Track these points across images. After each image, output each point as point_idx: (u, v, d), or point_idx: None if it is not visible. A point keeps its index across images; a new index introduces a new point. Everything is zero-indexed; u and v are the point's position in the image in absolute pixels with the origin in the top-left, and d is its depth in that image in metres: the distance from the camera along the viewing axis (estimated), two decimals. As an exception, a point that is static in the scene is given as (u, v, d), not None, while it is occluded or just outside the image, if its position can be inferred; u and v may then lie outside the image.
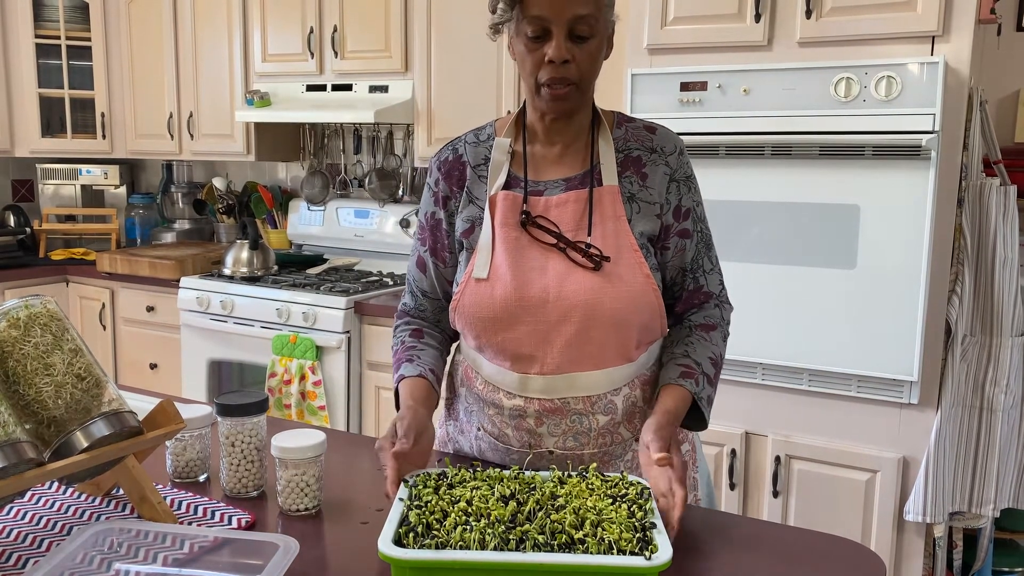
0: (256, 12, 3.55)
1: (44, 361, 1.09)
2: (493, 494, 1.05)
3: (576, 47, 1.22)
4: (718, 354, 1.35)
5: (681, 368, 1.30)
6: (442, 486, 1.10)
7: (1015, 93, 2.78)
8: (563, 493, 1.08)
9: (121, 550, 1.03)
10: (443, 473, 1.14)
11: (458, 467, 1.16)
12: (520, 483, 1.11)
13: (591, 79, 1.28)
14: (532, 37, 1.23)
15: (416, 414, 1.24)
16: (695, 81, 2.36)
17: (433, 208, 1.40)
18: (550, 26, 1.21)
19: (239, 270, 3.41)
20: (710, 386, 1.32)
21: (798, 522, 2.39)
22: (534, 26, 1.22)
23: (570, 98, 1.26)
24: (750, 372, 2.41)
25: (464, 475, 1.13)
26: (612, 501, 1.06)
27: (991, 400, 2.30)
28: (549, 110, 1.29)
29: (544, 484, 1.11)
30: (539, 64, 1.23)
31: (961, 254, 2.23)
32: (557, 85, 1.24)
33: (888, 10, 2.17)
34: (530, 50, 1.24)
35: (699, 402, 1.29)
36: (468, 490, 1.07)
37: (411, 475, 1.14)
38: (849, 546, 1.15)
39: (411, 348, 1.39)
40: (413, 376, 1.33)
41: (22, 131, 4.01)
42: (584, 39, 1.23)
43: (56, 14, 3.96)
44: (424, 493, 1.07)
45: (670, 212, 1.33)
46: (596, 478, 1.13)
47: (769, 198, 2.32)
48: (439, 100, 3.20)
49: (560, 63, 1.22)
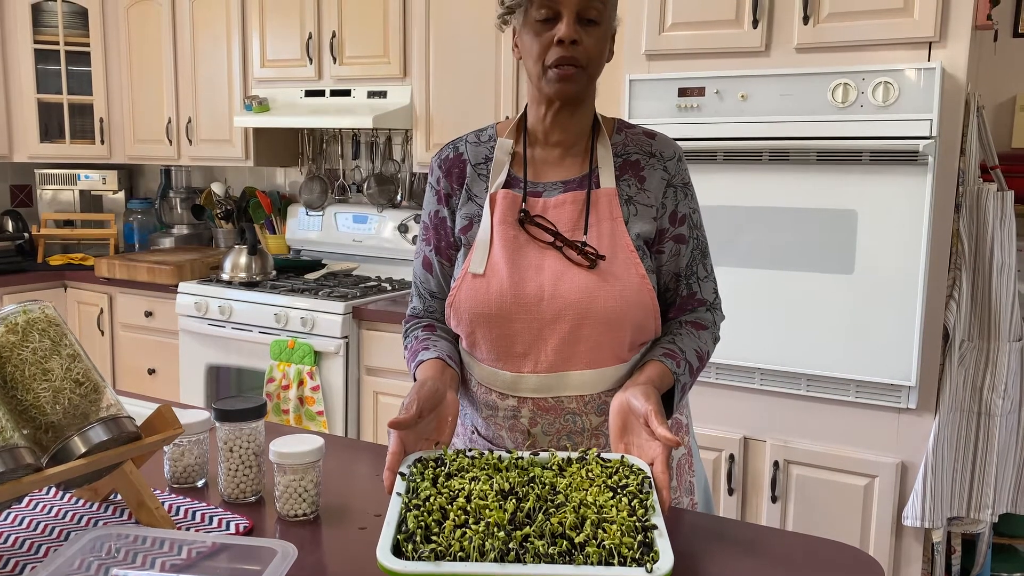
0: (255, 17, 3.56)
1: (42, 366, 1.09)
2: (492, 488, 1.05)
3: (584, 31, 1.24)
4: (704, 351, 1.35)
5: (665, 350, 1.31)
6: (440, 475, 1.09)
7: (1012, 99, 2.79)
8: (563, 485, 1.07)
9: (119, 556, 1.02)
10: (440, 458, 1.13)
11: (456, 452, 1.14)
12: (519, 473, 1.09)
13: (597, 66, 1.29)
14: (542, 20, 1.24)
15: (424, 386, 1.19)
16: (693, 87, 2.36)
17: (437, 206, 1.41)
18: (560, 8, 1.23)
19: (237, 275, 3.41)
20: (690, 376, 1.32)
21: (797, 527, 2.39)
22: (545, 8, 1.24)
23: (577, 80, 1.27)
24: (748, 377, 2.41)
25: (463, 461, 1.12)
26: (612, 494, 1.06)
27: (989, 405, 2.30)
28: (556, 93, 1.29)
29: (543, 474, 1.10)
30: (547, 46, 1.25)
31: (958, 259, 2.23)
32: (565, 65, 1.25)
33: (885, 16, 2.18)
34: (538, 33, 1.25)
35: (676, 384, 1.29)
36: (467, 481, 1.06)
37: (407, 460, 1.11)
38: (848, 551, 1.15)
39: (426, 340, 1.37)
40: (430, 359, 1.30)
41: (21, 136, 4.01)
42: (592, 23, 1.25)
43: (55, 20, 3.97)
44: (422, 487, 1.06)
45: (666, 217, 1.34)
46: (596, 464, 1.12)
47: (767, 203, 2.32)
48: (437, 106, 3.21)
49: (569, 43, 1.23)
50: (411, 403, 1.14)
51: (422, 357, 1.32)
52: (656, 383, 1.24)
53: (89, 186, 4.27)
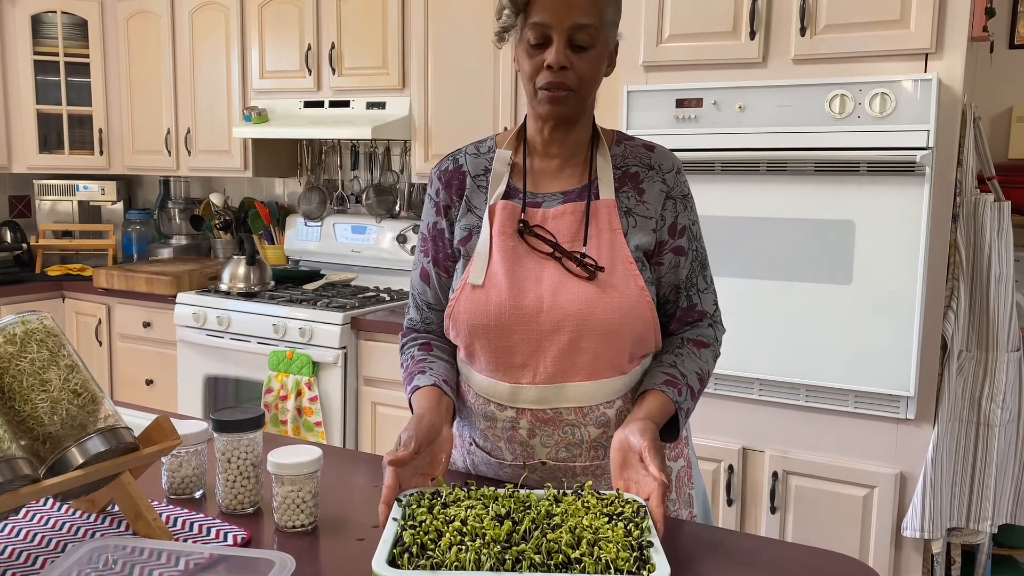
0: (254, 29, 3.57)
1: (40, 377, 1.09)
2: (488, 513, 1.05)
3: (575, 55, 1.25)
4: (705, 371, 1.35)
5: (666, 376, 1.30)
6: (436, 505, 1.09)
7: (1008, 110, 2.80)
8: (559, 512, 1.07)
9: (116, 567, 1.02)
10: (437, 492, 1.14)
11: (452, 485, 1.15)
12: (515, 501, 1.10)
13: (590, 88, 1.29)
14: (534, 44, 1.25)
15: (422, 421, 1.20)
16: (691, 98, 2.37)
17: (435, 218, 1.41)
18: (551, 32, 1.23)
19: (236, 286, 3.41)
20: (692, 400, 1.32)
21: (796, 538, 2.38)
22: (536, 32, 1.24)
23: (567, 102, 1.27)
24: (747, 388, 2.41)
25: (459, 494, 1.12)
26: (608, 520, 1.06)
27: (988, 415, 2.30)
28: (546, 114, 1.30)
29: (539, 503, 1.10)
30: (538, 69, 1.26)
31: (956, 269, 2.24)
32: (554, 89, 1.26)
33: (882, 28, 2.19)
34: (531, 56, 1.26)
35: (678, 412, 1.29)
36: (463, 509, 1.06)
37: (404, 493, 1.13)
38: (847, 562, 1.15)
39: (422, 361, 1.37)
40: (427, 386, 1.31)
41: (20, 147, 4.02)
42: (583, 49, 1.25)
43: (55, 31, 3.98)
44: (418, 512, 1.06)
45: (665, 229, 1.34)
46: (592, 496, 1.12)
47: (765, 214, 2.33)
48: (436, 117, 3.22)
49: (558, 69, 1.24)
50: (409, 439, 1.15)
51: (418, 383, 1.32)
52: (656, 417, 1.24)
53: (88, 197, 4.27)
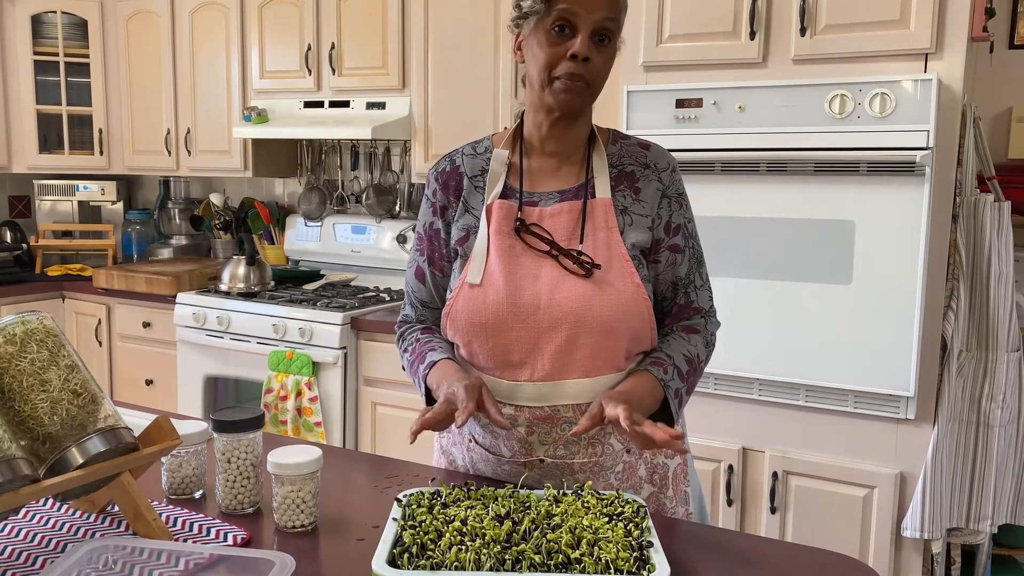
0: (254, 29, 3.57)
1: (40, 377, 1.09)
2: (488, 513, 1.05)
3: (596, 48, 1.25)
4: (695, 354, 1.36)
5: (652, 358, 1.33)
6: (436, 505, 1.09)
7: (1008, 110, 2.80)
8: (559, 512, 1.08)
9: (116, 567, 1.02)
10: (437, 492, 1.14)
11: (452, 485, 1.16)
12: (515, 502, 1.10)
13: (601, 84, 1.30)
14: (556, 31, 1.25)
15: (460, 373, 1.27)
16: (690, 98, 2.37)
17: (431, 218, 1.42)
18: (578, 21, 1.24)
19: (236, 286, 3.40)
20: (680, 380, 1.32)
21: (796, 538, 2.38)
22: (562, 21, 1.24)
23: (581, 95, 1.28)
24: (747, 388, 2.41)
25: (459, 494, 1.13)
26: (608, 520, 1.06)
27: (987, 415, 2.30)
28: (558, 104, 1.29)
29: (539, 503, 1.10)
30: (558, 58, 1.26)
31: (956, 270, 2.24)
32: (573, 80, 1.26)
33: (882, 28, 2.19)
34: (551, 43, 1.26)
35: (666, 391, 1.29)
36: (462, 509, 1.06)
37: (404, 493, 1.14)
38: (847, 562, 1.15)
39: (428, 341, 1.39)
40: (443, 359, 1.33)
41: (20, 147, 4.02)
42: (604, 42, 1.26)
43: (55, 31, 3.98)
44: (418, 512, 1.06)
45: (661, 227, 1.35)
46: (592, 496, 1.12)
47: (765, 214, 2.33)
48: (436, 117, 3.22)
49: (582, 59, 1.24)
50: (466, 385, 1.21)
51: (433, 358, 1.33)
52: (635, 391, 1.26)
53: (88, 197, 4.27)
